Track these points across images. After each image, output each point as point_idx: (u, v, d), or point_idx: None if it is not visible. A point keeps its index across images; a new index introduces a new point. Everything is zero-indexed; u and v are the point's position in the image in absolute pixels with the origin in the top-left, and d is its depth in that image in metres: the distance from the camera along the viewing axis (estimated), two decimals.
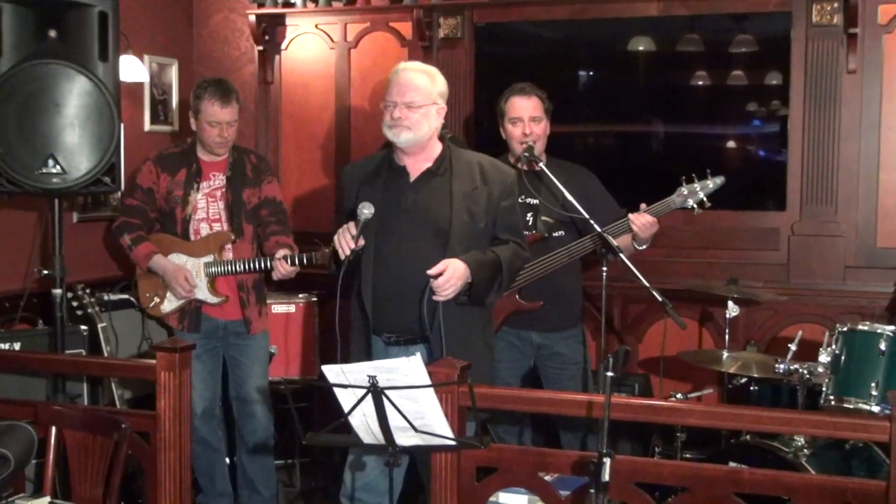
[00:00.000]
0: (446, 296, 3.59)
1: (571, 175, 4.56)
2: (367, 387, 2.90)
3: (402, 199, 3.73)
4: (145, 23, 5.94)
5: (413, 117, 3.69)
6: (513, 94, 4.56)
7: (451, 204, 3.70)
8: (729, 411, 3.44)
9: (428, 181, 3.76)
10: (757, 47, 5.60)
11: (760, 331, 5.40)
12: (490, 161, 3.88)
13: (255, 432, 4.91)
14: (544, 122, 4.55)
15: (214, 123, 4.67)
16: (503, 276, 3.74)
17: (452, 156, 3.81)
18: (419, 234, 3.70)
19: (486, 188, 3.76)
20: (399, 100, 3.70)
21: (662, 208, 4.37)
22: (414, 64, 3.86)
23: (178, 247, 4.77)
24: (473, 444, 3.10)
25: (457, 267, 3.58)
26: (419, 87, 3.72)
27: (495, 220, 3.78)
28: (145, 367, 3.94)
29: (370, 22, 6.12)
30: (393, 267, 3.69)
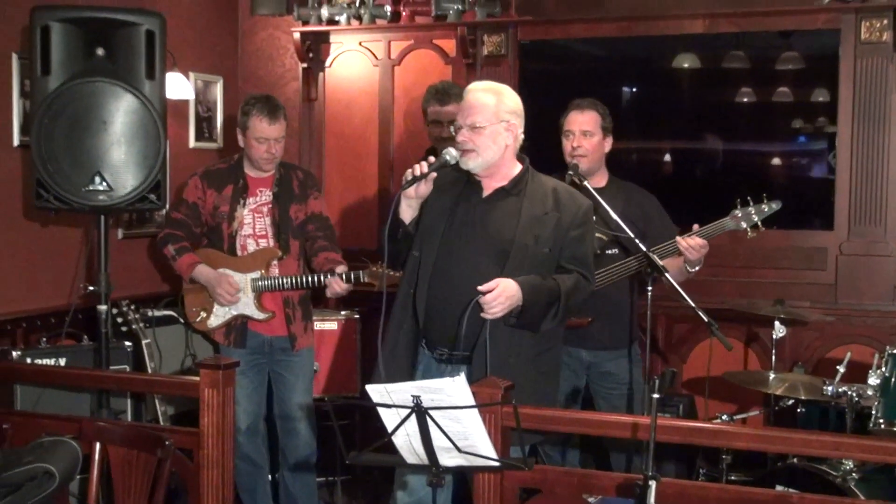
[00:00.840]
0: (494, 314, 3.54)
1: (630, 194, 4.55)
2: (412, 407, 2.88)
3: (470, 213, 3.69)
4: (191, 40, 5.99)
5: (478, 140, 3.62)
6: (570, 109, 4.57)
7: (518, 225, 3.65)
8: (777, 434, 3.38)
9: (499, 199, 3.72)
10: (804, 64, 5.56)
11: (808, 352, 5.34)
12: (566, 189, 3.83)
13: (297, 449, 4.91)
14: (597, 138, 4.51)
15: (262, 140, 4.68)
16: (561, 305, 3.64)
17: (530, 178, 3.76)
18: (480, 250, 3.66)
19: (557, 215, 3.69)
20: (463, 122, 3.65)
21: (714, 230, 4.30)
22: (482, 83, 3.78)
23: (225, 262, 4.79)
24: (517, 465, 3.07)
25: (508, 286, 3.52)
26: (483, 107, 3.64)
27: (562, 248, 3.71)
28: (189, 384, 3.95)
29: (414, 39, 6.14)
30: (449, 278, 3.65)
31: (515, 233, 3.65)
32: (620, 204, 4.46)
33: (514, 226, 3.66)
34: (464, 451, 2.95)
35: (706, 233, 4.28)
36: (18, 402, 4.55)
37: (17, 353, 4.64)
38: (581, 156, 4.48)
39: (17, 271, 4.97)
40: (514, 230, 3.65)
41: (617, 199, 4.48)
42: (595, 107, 4.55)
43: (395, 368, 3.67)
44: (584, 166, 4.47)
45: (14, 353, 4.64)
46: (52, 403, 4.52)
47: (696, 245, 4.24)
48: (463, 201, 3.71)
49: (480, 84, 3.78)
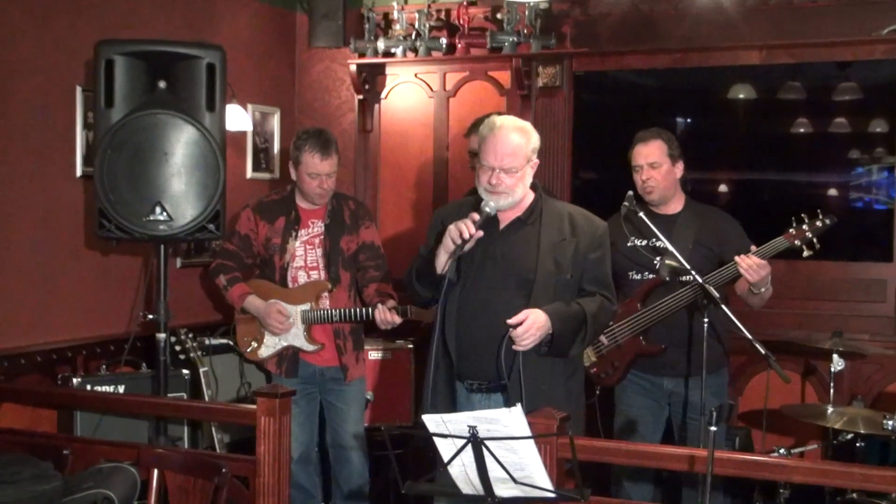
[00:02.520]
0: (525, 346, 3.56)
1: (706, 219, 4.56)
2: (468, 437, 2.89)
3: (489, 247, 3.68)
4: (249, 73, 6.08)
5: (509, 182, 3.64)
6: (635, 143, 4.57)
7: (538, 254, 3.67)
8: (837, 469, 3.34)
9: (517, 230, 3.74)
10: (861, 94, 5.52)
11: (867, 385, 5.26)
12: (581, 213, 3.84)
13: (350, 478, 4.92)
14: (666, 167, 4.50)
15: (314, 175, 4.71)
16: (587, 329, 3.68)
17: (544, 206, 3.78)
18: (504, 282, 3.67)
19: (575, 240, 3.72)
20: (496, 164, 3.63)
21: (770, 249, 4.27)
22: (508, 121, 3.73)
23: (276, 293, 4.83)
24: (573, 496, 3.06)
25: (537, 317, 3.54)
26: (516, 150, 3.64)
27: (582, 272, 3.73)
28: (246, 412, 3.98)
29: (469, 71, 6.18)
30: (476, 314, 3.66)
31: (537, 262, 3.66)
32: (694, 229, 4.47)
33: (535, 255, 3.67)
34: (519, 482, 2.94)
35: (762, 252, 4.25)
36: (78, 428, 4.62)
37: (77, 380, 4.71)
38: (652, 188, 4.50)
39: (79, 300, 5.05)
40: (535, 259, 3.66)
41: (691, 225, 4.49)
42: (659, 136, 4.54)
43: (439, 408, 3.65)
44: (655, 197, 4.50)
45: (74, 381, 4.71)
46: (110, 430, 4.58)
47: (754, 264, 4.20)
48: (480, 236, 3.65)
49: (509, 121, 3.73)
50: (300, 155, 4.71)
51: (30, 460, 3.56)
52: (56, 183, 4.92)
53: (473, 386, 3.73)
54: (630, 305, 4.52)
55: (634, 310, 4.50)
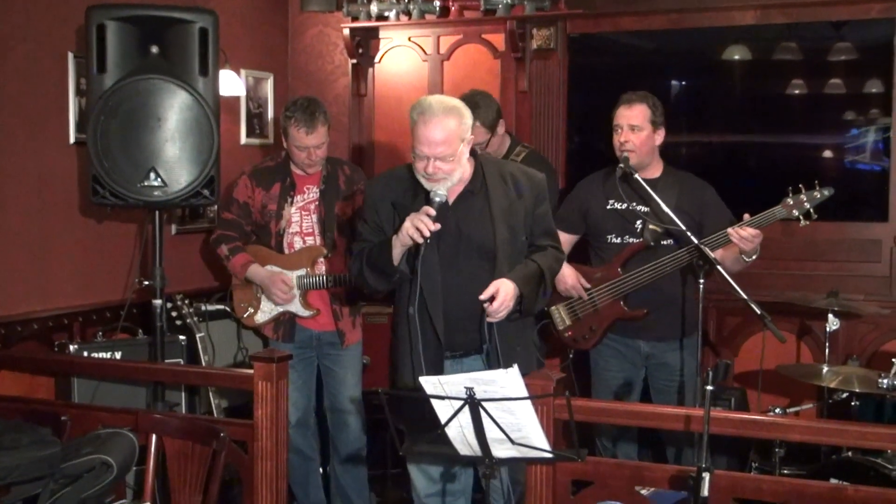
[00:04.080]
0: (501, 317, 3.58)
1: (685, 185, 4.54)
2: (465, 398, 2.90)
3: (443, 223, 3.58)
4: (242, 38, 6.04)
5: (446, 167, 3.56)
6: (619, 103, 4.55)
7: (493, 223, 3.66)
8: (833, 427, 3.36)
9: (466, 201, 3.70)
10: (857, 55, 5.50)
11: (862, 345, 5.28)
12: (519, 169, 3.83)
13: (348, 442, 4.94)
14: (646, 132, 4.47)
15: (302, 148, 4.70)
16: (546, 283, 3.72)
17: (485, 171, 3.73)
18: (465, 254, 3.66)
19: (522, 201, 3.71)
20: (430, 153, 3.52)
21: (766, 219, 4.27)
22: (438, 105, 3.56)
23: (273, 259, 4.83)
24: (570, 456, 3.08)
25: (508, 288, 3.55)
26: (448, 137, 3.51)
27: (532, 228, 3.75)
28: (243, 377, 4.00)
29: (463, 34, 6.14)
30: (447, 292, 3.63)
31: (494, 231, 3.65)
32: (674, 195, 4.45)
33: (490, 224, 3.66)
34: (517, 443, 2.96)
35: (758, 222, 4.25)
36: (76, 394, 4.63)
37: (74, 347, 4.71)
38: (629, 150, 4.46)
39: (74, 267, 5.04)
40: (492, 229, 3.65)
41: (671, 191, 4.47)
42: (644, 100, 4.51)
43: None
44: (632, 161, 4.45)
45: (71, 347, 4.71)
46: (108, 396, 4.59)
47: (748, 235, 4.20)
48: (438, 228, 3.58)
49: (438, 106, 3.56)
50: (287, 128, 4.70)
51: (28, 427, 3.56)
52: (49, 150, 4.90)
53: (446, 355, 3.72)
54: (611, 270, 4.52)
55: (616, 275, 4.50)
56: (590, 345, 4.63)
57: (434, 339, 3.65)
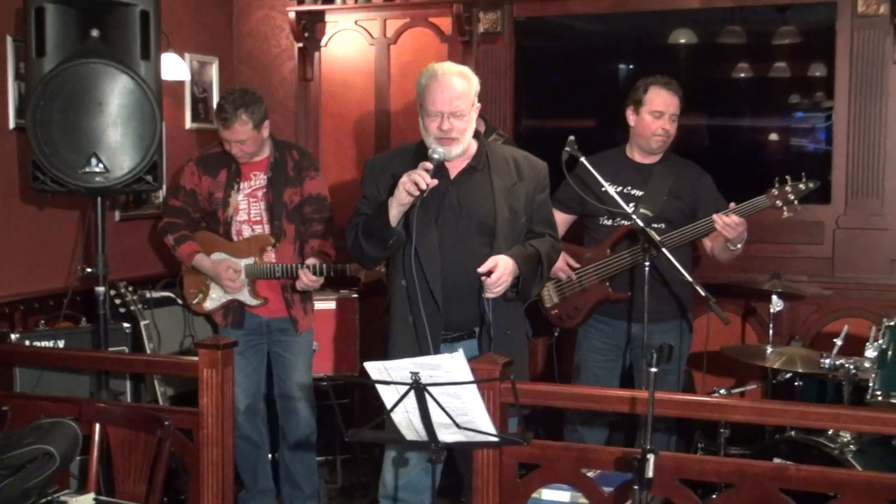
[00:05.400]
0: (498, 293, 3.57)
1: (682, 172, 4.59)
2: (410, 383, 2.89)
3: (444, 196, 3.64)
4: (186, 21, 5.97)
5: (460, 126, 3.59)
6: (659, 86, 4.53)
7: (494, 199, 3.66)
8: (775, 407, 3.40)
9: (469, 177, 3.71)
10: (800, 38, 5.55)
11: (805, 326, 5.35)
12: (523, 155, 3.84)
13: (297, 429, 4.93)
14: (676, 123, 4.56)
15: (227, 142, 4.68)
16: (543, 270, 3.73)
17: (488, 151, 3.77)
18: (464, 230, 3.65)
19: (524, 184, 3.73)
20: (445, 109, 3.56)
21: (750, 208, 4.31)
22: (449, 66, 3.66)
23: (221, 246, 4.79)
24: (516, 440, 3.09)
25: (507, 263, 3.55)
26: (462, 93, 3.58)
27: (531, 214, 3.76)
28: (188, 364, 3.96)
29: (410, 17, 6.11)
30: (445, 266, 3.63)
31: (494, 208, 3.65)
32: (670, 181, 4.51)
33: (491, 201, 3.66)
34: (463, 427, 2.96)
35: (742, 211, 4.29)
36: (18, 384, 4.55)
37: (15, 336, 4.63)
38: (666, 140, 4.54)
39: (15, 254, 4.96)
40: (493, 205, 3.66)
41: (667, 176, 4.53)
42: (679, 91, 4.55)
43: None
44: (663, 148, 4.55)
45: (13, 336, 4.63)
46: (51, 385, 4.52)
47: (732, 223, 4.24)
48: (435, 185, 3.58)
49: (450, 67, 3.65)
50: (216, 120, 4.68)
51: None
52: None
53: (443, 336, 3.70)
54: (599, 251, 4.55)
55: (604, 255, 4.53)
56: (574, 323, 4.65)
57: (435, 313, 3.62)
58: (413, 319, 3.65)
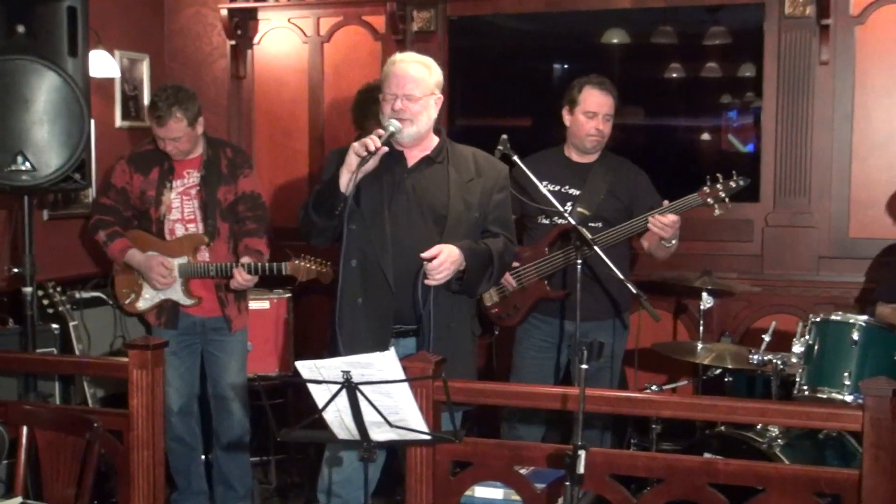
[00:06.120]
0: (439, 280, 3.57)
1: (619, 171, 4.62)
2: (342, 382, 2.88)
3: (400, 182, 3.68)
4: (115, 18, 5.88)
5: (413, 108, 3.64)
6: (592, 86, 4.56)
7: (449, 190, 3.69)
8: (703, 402, 3.44)
9: (426, 167, 3.74)
10: (730, 39, 5.62)
11: (735, 322, 5.43)
12: (483, 155, 3.87)
13: (231, 429, 4.88)
14: (611, 122, 4.59)
15: (160, 139, 4.64)
16: (494, 268, 3.73)
17: (449, 147, 3.80)
18: (417, 218, 3.67)
19: (481, 180, 3.75)
20: (398, 92, 3.64)
21: (683, 205, 4.36)
22: (410, 55, 3.77)
23: (154, 245, 4.73)
24: (448, 438, 3.09)
25: (451, 251, 3.56)
26: (417, 78, 3.66)
27: (487, 212, 3.77)
28: (117, 365, 3.90)
29: (343, 16, 6.10)
30: (393, 251, 3.63)
31: (448, 198, 3.68)
32: (608, 180, 4.55)
33: (446, 192, 3.69)
34: (395, 426, 2.96)
35: (674, 208, 4.33)
36: None
37: None
38: (601, 139, 4.57)
39: None
40: (447, 196, 3.68)
41: (605, 175, 4.56)
42: (613, 89, 4.58)
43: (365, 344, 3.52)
44: (597, 148, 4.58)
45: None
46: None
47: (666, 222, 4.27)
48: (386, 172, 3.68)
49: (410, 55, 3.78)
50: (148, 118, 4.65)
51: None
52: None
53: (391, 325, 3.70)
54: (538, 249, 4.57)
55: (542, 254, 4.55)
56: (514, 322, 4.66)
57: (387, 294, 3.61)
58: (363, 300, 3.65)
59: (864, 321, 4.07)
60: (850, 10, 5.28)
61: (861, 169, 5.32)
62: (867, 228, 5.32)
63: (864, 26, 5.28)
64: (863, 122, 5.30)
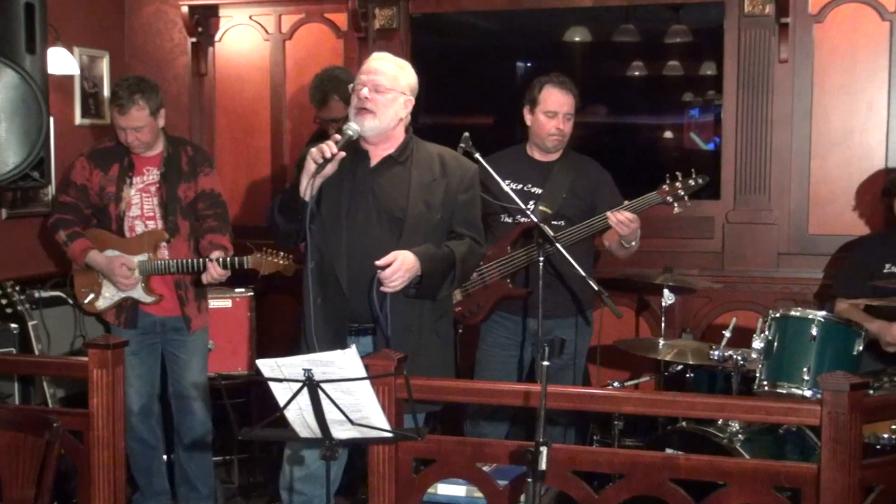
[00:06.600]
0: (394, 287, 3.56)
1: (581, 169, 4.64)
2: (303, 380, 2.88)
3: (361, 184, 3.66)
4: (75, 14, 5.83)
5: (379, 100, 3.61)
6: (553, 85, 4.57)
7: (409, 193, 3.66)
8: (663, 398, 3.46)
9: (388, 168, 3.71)
10: (692, 37, 5.65)
11: (696, 318, 5.47)
12: (451, 154, 3.84)
13: (192, 429, 4.85)
14: (572, 121, 4.60)
15: (121, 129, 4.60)
16: (457, 272, 3.70)
17: (415, 146, 3.77)
18: (375, 220, 3.65)
19: (445, 180, 3.72)
20: (366, 79, 3.64)
21: (642, 204, 4.38)
22: (388, 55, 3.79)
23: (113, 243, 4.69)
24: (410, 436, 3.09)
25: (406, 259, 3.54)
26: (387, 72, 3.65)
27: (453, 213, 3.74)
28: (77, 365, 3.87)
29: (305, 13, 6.08)
30: (348, 252, 3.63)
31: (408, 201, 3.66)
32: (569, 178, 4.56)
33: (406, 194, 3.67)
34: (357, 424, 2.95)
35: (634, 207, 4.35)
36: None
37: None
38: (561, 140, 4.57)
39: None
40: (406, 198, 3.66)
41: (566, 174, 4.57)
42: (573, 88, 4.59)
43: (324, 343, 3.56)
44: (558, 147, 4.59)
45: None
46: None
47: (625, 219, 4.28)
48: (349, 172, 3.67)
49: (388, 55, 3.78)
50: (110, 109, 4.61)
51: None
52: None
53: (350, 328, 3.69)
54: (500, 248, 4.57)
55: (504, 252, 4.55)
56: (477, 320, 4.67)
57: (340, 297, 3.62)
58: (321, 301, 3.65)
59: (823, 317, 4.10)
60: (808, 9, 5.34)
61: (820, 166, 5.38)
62: (826, 225, 5.38)
63: (823, 25, 5.33)
64: (821, 119, 5.36)
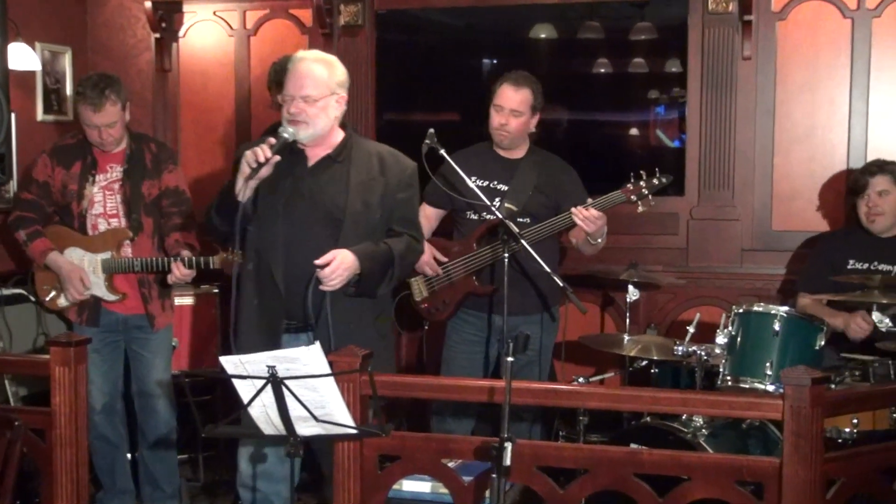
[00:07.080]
0: (333, 286, 3.57)
1: (545, 166, 4.65)
2: (267, 377, 2.87)
3: (298, 184, 3.67)
4: (36, 9, 5.77)
5: (310, 111, 3.62)
6: (505, 81, 4.59)
7: (347, 193, 3.67)
8: (627, 393, 3.49)
9: (326, 167, 3.72)
10: (656, 34, 5.67)
11: (661, 314, 5.50)
12: (390, 152, 3.84)
13: (156, 427, 4.82)
14: (525, 117, 4.58)
15: (91, 126, 4.56)
16: (395, 269, 3.73)
17: (353, 144, 3.77)
18: (314, 220, 3.66)
19: (384, 179, 3.73)
20: (296, 93, 3.63)
21: (607, 202, 4.40)
22: (312, 53, 3.77)
23: (76, 241, 4.65)
24: (375, 432, 3.09)
25: (345, 258, 3.56)
26: (316, 78, 3.63)
27: (391, 211, 3.76)
28: (39, 363, 3.84)
29: (270, 9, 6.06)
30: (286, 252, 3.64)
31: (346, 201, 3.67)
32: (535, 175, 4.57)
33: (344, 194, 3.68)
34: (321, 420, 2.95)
35: (599, 205, 4.36)
36: None
37: None
38: (507, 134, 4.57)
39: None
40: (345, 198, 3.67)
41: (532, 171, 4.58)
42: (530, 84, 4.59)
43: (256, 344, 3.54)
44: (505, 142, 4.59)
45: None
46: None
47: (590, 216, 4.29)
48: (286, 173, 3.66)
49: (311, 54, 3.76)
50: (77, 105, 4.57)
51: None
52: None
53: (285, 326, 3.71)
54: (466, 245, 4.59)
55: (470, 250, 4.57)
56: (443, 316, 4.69)
57: (277, 298, 3.63)
58: (258, 302, 3.66)
59: (785, 312, 4.14)
60: (771, 7, 5.38)
61: (783, 162, 5.42)
62: (789, 221, 5.43)
63: (786, 22, 5.38)
64: (784, 116, 5.40)
